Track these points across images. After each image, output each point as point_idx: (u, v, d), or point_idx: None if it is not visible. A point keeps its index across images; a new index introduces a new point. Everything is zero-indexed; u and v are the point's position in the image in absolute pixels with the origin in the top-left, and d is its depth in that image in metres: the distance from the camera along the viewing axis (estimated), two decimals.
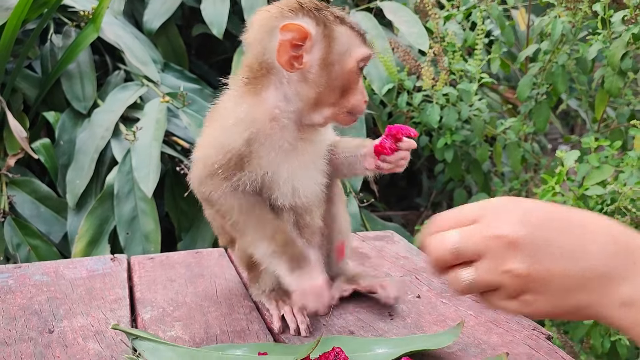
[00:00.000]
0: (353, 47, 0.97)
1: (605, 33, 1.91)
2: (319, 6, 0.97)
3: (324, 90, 0.97)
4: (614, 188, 1.75)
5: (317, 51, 0.95)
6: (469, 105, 2.24)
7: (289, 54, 0.94)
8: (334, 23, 0.96)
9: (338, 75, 0.97)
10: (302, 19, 0.94)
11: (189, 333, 1.04)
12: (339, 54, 0.96)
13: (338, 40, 0.96)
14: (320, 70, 0.96)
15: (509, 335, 1.02)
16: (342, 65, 0.97)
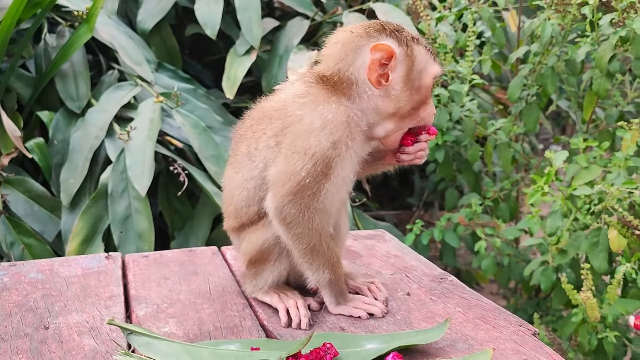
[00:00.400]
0: (429, 65, 1.06)
1: (593, 35, 1.94)
2: (398, 27, 1.05)
3: (404, 105, 1.05)
4: (601, 188, 1.78)
5: (400, 69, 1.03)
6: (460, 106, 2.27)
7: (377, 72, 1.02)
8: (413, 43, 1.04)
9: (418, 91, 1.05)
10: (387, 39, 1.02)
11: (183, 329, 1.06)
12: (418, 71, 1.04)
13: (417, 59, 1.04)
14: (403, 87, 1.04)
15: (496, 332, 1.05)
16: (421, 82, 1.05)
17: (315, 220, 1.05)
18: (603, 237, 1.78)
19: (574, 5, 1.99)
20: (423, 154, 1.13)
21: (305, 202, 1.03)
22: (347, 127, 1.03)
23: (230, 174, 1.16)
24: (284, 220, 1.05)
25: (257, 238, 1.12)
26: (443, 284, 1.26)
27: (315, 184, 1.02)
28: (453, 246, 2.44)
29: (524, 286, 2.42)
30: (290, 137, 1.04)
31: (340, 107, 1.03)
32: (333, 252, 1.09)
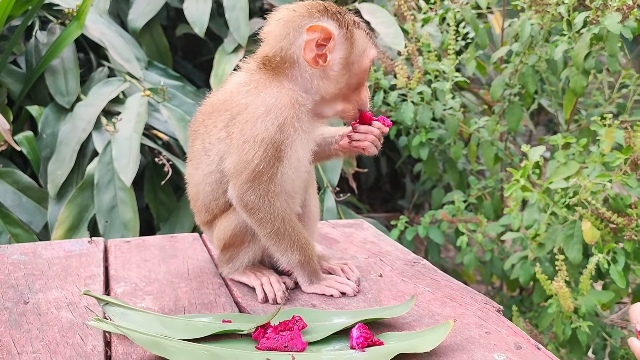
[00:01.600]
0: (368, 48, 1.09)
1: (570, 34, 2.00)
2: (341, 10, 1.08)
3: (344, 86, 1.09)
4: (576, 182, 1.82)
5: (339, 51, 1.06)
6: (443, 105, 2.31)
7: (314, 52, 1.05)
8: (354, 27, 1.08)
9: (356, 73, 1.09)
10: (327, 21, 1.05)
11: (159, 304, 1.09)
12: (358, 54, 1.08)
13: (357, 42, 1.08)
14: (342, 69, 1.07)
15: (462, 309, 1.08)
16: (360, 64, 1.09)
17: (275, 204, 1.08)
18: (578, 229, 1.82)
19: (552, 4, 2.04)
20: (372, 138, 1.16)
21: (263, 187, 1.07)
22: (292, 109, 1.06)
23: (191, 170, 1.20)
24: (245, 207, 1.09)
25: (229, 223, 1.16)
26: (416, 267, 1.30)
27: (270, 168, 1.06)
28: (437, 242, 2.48)
29: (507, 283, 2.46)
30: (239, 127, 1.07)
31: (282, 89, 1.06)
32: (301, 234, 1.12)
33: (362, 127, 1.16)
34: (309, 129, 1.10)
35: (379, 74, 2.33)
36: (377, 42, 2.50)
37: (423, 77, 2.31)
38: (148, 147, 2.06)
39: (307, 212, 1.25)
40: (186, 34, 3.09)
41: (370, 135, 1.16)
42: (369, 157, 3.62)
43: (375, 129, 1.17)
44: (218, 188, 1.15)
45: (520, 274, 2.01)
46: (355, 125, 1.17)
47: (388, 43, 2.36)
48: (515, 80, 2.31)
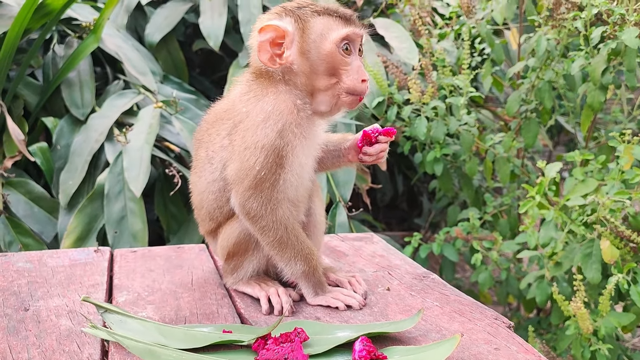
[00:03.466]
0: (330, 31, 1.04)
1: (587, 49, 1.96)
2: (302, 5, 1.06)
3: (311, 75, 1.06)
4: (594, 199, 1.77)
5: (295, 45, 1.04)
6: (458, 120, 2.28)
7: (269, 52, 1.04)
8: (311, 16, 1.04)
9: (317, 59, 1.05)
10: (283, 19, 1.04)
11: (160, 314, 1.07)
12: (313, 41, 1.04)
13: (313, 29, 1.04)
14: (300, 59, 1.05)
15: (471, 324, 1.05)
16: (318, 50, 1.04)
17: (278, 211, 1.06)
18: (596, 248, 1.77)
19: (569, 20, 2.01)
20: (384, 155, 1.16)
21: (265, 194, 1.05)
22: (290, 114, 1.04)
23: (195, 179, 1.19)
24: (248, 214, 1.07)
25: (232, 230, 1.15)
26: (424, 281, 1.26)
27: (271, 175, 1.04)
28: (452, 260, 2.43)
29: (524, 303, 2.39)
30: (240, 134, 1.06)
31: (279, 95, 1.05)
32: (305, 244, 1.10)
33: (371, 149, 1.14)
34: (310, 134, 1.08)
35: (393, 88, 2.32)
36: (391, 56, 2.49)
37: (437, 92, 2.29)
38: (159, 159, 2.06)
39: (312, 221, 1.23)
40: (204, 51, 3.11)
41: (382, 152, 1.15)
42: (385, 175, 3.60)
43: (383, 144, 1.15)
44: (222, 196, 1.13)
45: (537, 294, 1.95)
46: (364, 148, 1.15)
47: (402, 58, 2.35)
48: (532, 96, 2.27)
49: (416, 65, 2.23)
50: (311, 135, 1.09)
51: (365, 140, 1.16)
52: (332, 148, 1.21)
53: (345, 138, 1.21)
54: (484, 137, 2.42)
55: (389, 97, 2.33)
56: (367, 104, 2.32)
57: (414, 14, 2.43)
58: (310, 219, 1.24)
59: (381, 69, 2.34)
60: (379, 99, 2.30)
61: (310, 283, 1.12)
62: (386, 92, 2.30)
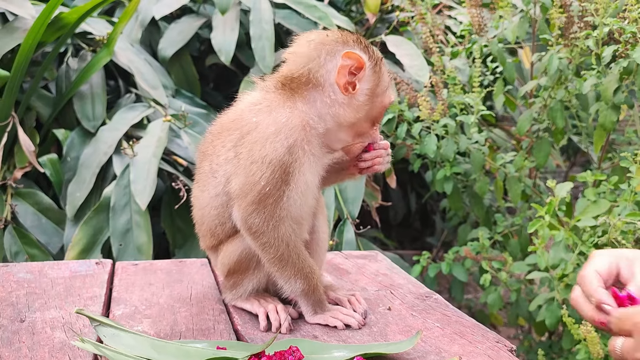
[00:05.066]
0: (390, 88, 1.10)
1: (599, 68, 1.94)
2: (369, 45, 1.08)
3: (362, 117, 1.07)
4: (605, 220, 1.74)
5: (367, 82, 1.05)
6: (468, 138, 2.26)
7: (345, 78, 1.04)
8: (381, 62, 1.07)
9: (377, 107, 1.08)
10: (360, 51, 1.04)
11: (155, 328, 1.06)
12: (382, 89, 1.08)
13: (383, 77, 1.08)
14: (367, 100, 1.06)
15: (471, 346, 1.02)
16: (382, 99, 1.08)
17: (280, 228, 1.05)
18: None
19: (581, 38, 1.99)
20: (381, 160, 1.15)
21: (268, 210, 1.03)
22: (302, 131, 1.03)
23: (197, 193, 1.17)
24: (249, 230, 1.05)
25: (234, 249, 1.13)
26: (427, 301, 1.24)
27: (276, 191, 1.02)
28: (461, 280, 2.39)
29: (535, 325, 2.35)
30: (247, 147, 1.04)
31: (294, 111, 1.04)
32: (306, 262, 1.08)
33: (367, 154, 1.15)
34: (319, 153, 1.07)
35: (403, 105, 2.31)
36: (402, 74, 2.48)
37: (448, 110, 2.28)
38: (167, 172, 2.07)
39: (315, 238, 1.22)
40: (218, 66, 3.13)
41: (377, 158, 1.14)
42: (397, 193, 3.58)
43: (381, 150, 1.15)
44: (224, 212, 1.11)
45: (547, 317, 1.91)
46: (361, 157, 1.16)
47: (413, 75, 2.34)
48: (544, 115, 2.25)
49: (426, 82, 2.22)
50: (320, 154, 1.08)
51: None
52: (336, 161, 1.19)
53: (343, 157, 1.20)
54: (495, 156, 2.39)
55: (399, 114, 2.31)
56: None
57: (425, 32, 2.42)
58: (313, 236, 1.22)
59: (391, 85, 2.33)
60: (389, 116, 2.29)
61: (309, 301, 1.11)
62: (396, 109, 2.29)
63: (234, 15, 2.63)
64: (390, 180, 2.49)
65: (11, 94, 2.06)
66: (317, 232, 1.23)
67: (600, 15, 1.89)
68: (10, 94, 2.06)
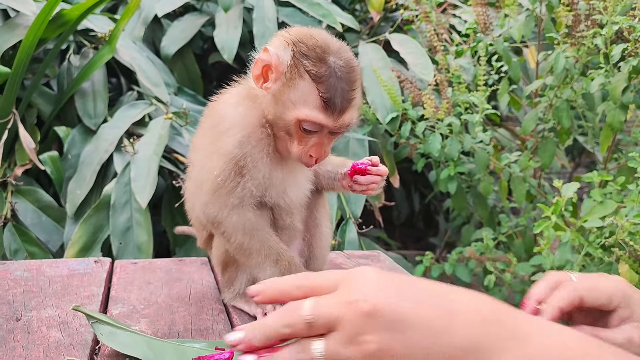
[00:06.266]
0: (302, 105, 0.95)
1: (607, 67, 1.91)
2: (312, 55, 0.95)
3: (274, 120, 0.99)
4: (612, 221, 1.71)
5: (276, 84, 0.98)
6: (473, 138, 2.24)
7: (259, 72, 0.98)
8: (305, 74, 0.94)
9: (281, 117, 0.98)
10: (285, 53, 0.96)
11: (153, 328, 1.04)
12: (287, 100, 0.96)
13: (294, 89, 0.95)
14: (273, 103, 0.98)
15: None
16: (284, 111, 0.97)
17: (235, 217, 1.03)
18: (614, 272, 1.70)
19: (588, 37, 1.97)
20: (375, 187, 1.10)
21: (222, 200, 1.02)
22: (257, 126, 1.01)
23: (187, 184, 1.16)
24: (208, 220, 1.05)
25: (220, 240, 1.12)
26: None
27: (230, 182, 1.01)
28: (464, 281, 2.37)
29: None
30: (210, 138, 1.05)
31: (251, 110, 1.01)
32: (273, 249, 1.05)
33: (362, 178, 1.10)
34: (271, 149, 1.03)
35: (407, 104, 2.28)
36: (406, 73, 2.46)
37: (452, 108, 2.25)
38: (168, 170, 2.05)
39: (317, 232, 1.20)
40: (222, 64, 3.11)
41: (372, 184, 1.10)
42: (401, 193, 3.55)
43: (375, 176, 1.10)
44: None
45: None
46: (355, 177, 1.11)
47: (417, 74, 2.32)
48: (550, 115, 2.22)
49: (431, 81, 2.20)
50: (271, 151, 1.03)
51: (355, 171, 1.11)
52: (330, 169, 1.16)
53: (344, 164, 1.16)
54: (499, 156, 2.37)
55: (403, 113, 2.29)
56: (381, 120, 2.29)
57: (429, 30, 2.40)
58: (315, 230, 1.20)
59: (395, 84, 2.32)
60: (392, 115, 2.27)
61: None
62: (400, 107, 2.26)
63: (237, 13, 2.62)
64: (393, 180, 2.47)
65: (12, 90, 2.05)
66: (319, 225, 1.21)
67: (609, 13, 1.87)
68: (11, 91, 2.05)
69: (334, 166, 1.17)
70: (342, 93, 0.95)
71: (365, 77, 2.35)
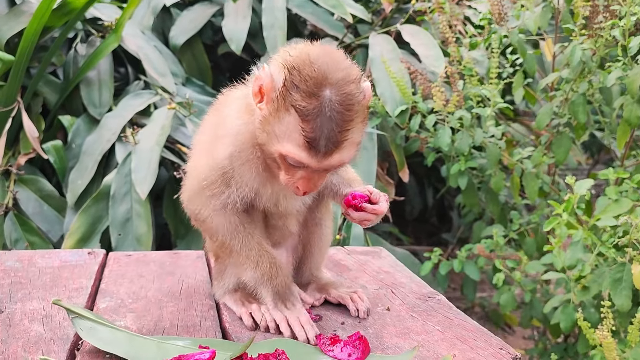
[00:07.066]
0: (285, 140, 0.90)
1: (625, 60, 1.83)
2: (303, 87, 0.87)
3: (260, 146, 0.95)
4: (626, 220, 1.64)
5: (265, 111, 0.91)
6: (484, 132, 2.17)
7: (256, 89, 0.92)
8: (291, 108, 0.88)
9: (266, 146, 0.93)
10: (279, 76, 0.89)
11: (139, 324, 1.01)
12: (271, 131, 0.91)
13: (279, 121, 0.90)
14: (260, 129, 0.93)
15: (473, 352, 0.95)
16: (269, 142, 0.92)
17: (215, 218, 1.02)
18: (627, 273, 1.64)
19: (606, 28, 1.89)
20: (367, 223, 1.05)
21: (203, 200, 1.02)
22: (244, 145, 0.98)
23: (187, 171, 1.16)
24: (190, 213, 1.06)
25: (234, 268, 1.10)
26: (429, 302, 1.16)
27: (215, 188, 1.00)
28: (473, 279, 2.31)
29: (550, 327, 2.25)
30: (209, 136, 1.03)
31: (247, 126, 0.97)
32: (254, 250, 1.03)
33: (355, 214, 1.04)
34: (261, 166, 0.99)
35: (417, 97, 2.23)
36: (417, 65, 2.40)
37: (464, 102, 2.19)
38: (170, 162, 2.02)
39: (317, 231, 1.17)
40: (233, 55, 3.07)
41: (365, 221, 1.05)
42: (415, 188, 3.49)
43: (369, 214, 1.04)
44: None
45: (562, 319, 1.82)
46: (349, 210, 1.04)
47: (428, 66, 2.26)
48: (565, 110, 2.15)
49: (441, 73, 2.14)
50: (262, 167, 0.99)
51: (349, 204, 1.05)
52: (335, 182, 1.10)
53: (351, 181, 1.10)
54: (512, 151, 2.30)
55: (413, 105, 2.23)
56: (390, 112, 2.24)
57: (442, 21, 2.33)
58: (315, 228, 1.17)
59: (405, 76, 2.26)
60: (402, 108, 2.21)
61: (268, 292, 1.04)
62: (410, 100, 2.21)
63: (247, 2, 2.57)
64: (402, 174, 2.41)
65: (16, 79, 2.03)
66: (319, 225, 1.18)
67: (628, 4, 1.79)
68: (15, 79, 2.03)
69: (340, 180, 1.10)
70: (328, 135, 0.88)
71: (375, 68, 2.29)
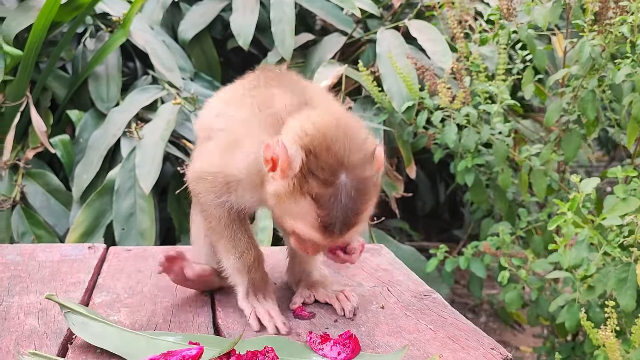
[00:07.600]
0: (300, 221, 0.90)
1: (634, 57, 1.80)
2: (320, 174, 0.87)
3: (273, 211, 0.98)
4: (632, 219, 1.62)
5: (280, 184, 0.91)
6: (491, 129, 2.15)
7: (268, 157, 0.91)
8: (307, 195, 0.88)
9: (279, 219, 0.96)
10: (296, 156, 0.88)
11: (131, 319, 1.02)
12: (286, 209, 0.91)
13: (295, 203, 0.89)
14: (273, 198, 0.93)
15: (463, 352, 0.94)
16: (282, 216, 0.93)
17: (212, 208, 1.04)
18: (632, 273, 1.62)
19: (616, 24, 1.86)
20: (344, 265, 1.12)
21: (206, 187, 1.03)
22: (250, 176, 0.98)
23: None
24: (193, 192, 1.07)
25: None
26: (424, 300, 1.16)
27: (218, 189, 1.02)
28: (479, 277, 2.30)
29: (556, 326, 2.23)
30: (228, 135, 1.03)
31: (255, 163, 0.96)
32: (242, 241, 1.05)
33: (329, 254, 1.06)
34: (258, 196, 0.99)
35: (424, 93, 2.21)
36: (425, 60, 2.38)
37: (471, 98, 2.17)
38: (175, 157, 2.03)
39: None
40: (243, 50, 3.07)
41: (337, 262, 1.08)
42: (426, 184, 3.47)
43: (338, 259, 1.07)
44: None
45: (567, 319, 1.81)
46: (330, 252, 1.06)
47: (435, 61, 2.24)
48: (575, 106, 2.12)
49: (447, 69, 2.12)
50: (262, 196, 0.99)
51: None
52: None
53: None
54: (520, 148, 2.28)
55: (419, 101, 2.22)
56: (397, 108, 2.22)
57: (451, 16, 2.31)
58: None
59: (412, 72, 2.24)
60: (408, 103, 2.20)
61: (242, 282, 1.05)
62: (416, 96, 2.19)
63: None
64: (409, 170, 2.40)
65: (25, 73, 2.06)
66: None
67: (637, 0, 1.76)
68: (24, 74, 2.06)
69: None
70: (344, 219, 0.89)
71: (382, 64, 2.28)
